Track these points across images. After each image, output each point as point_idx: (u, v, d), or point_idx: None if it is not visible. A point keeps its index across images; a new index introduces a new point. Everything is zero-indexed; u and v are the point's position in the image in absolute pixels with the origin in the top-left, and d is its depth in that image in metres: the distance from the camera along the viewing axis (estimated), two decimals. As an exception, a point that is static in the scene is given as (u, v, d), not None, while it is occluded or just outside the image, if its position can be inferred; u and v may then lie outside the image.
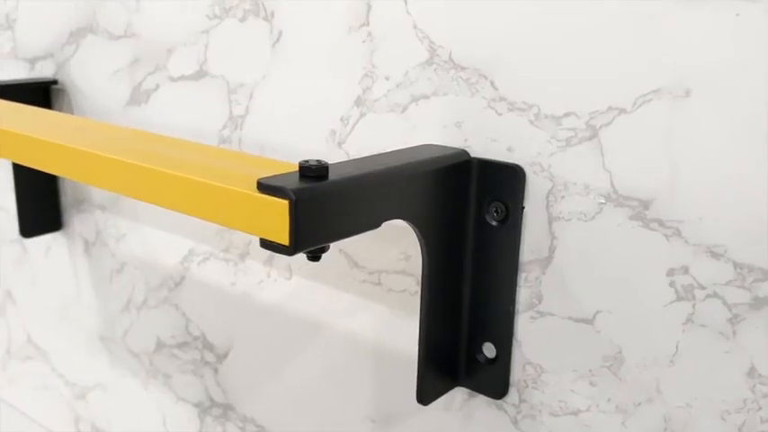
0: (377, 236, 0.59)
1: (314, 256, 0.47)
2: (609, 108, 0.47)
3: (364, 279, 0.63)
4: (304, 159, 0.44)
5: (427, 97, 0.56)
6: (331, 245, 0.46)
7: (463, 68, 0.53)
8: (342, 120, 0.61)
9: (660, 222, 0.47)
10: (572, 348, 0.52)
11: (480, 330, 0.56)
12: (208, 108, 0.71)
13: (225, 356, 0.78)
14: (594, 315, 0.51)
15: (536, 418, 0.55)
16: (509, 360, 0.55)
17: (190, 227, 0.77)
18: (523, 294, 0.54)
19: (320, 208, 0.43)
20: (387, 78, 0.58)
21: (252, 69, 0.66)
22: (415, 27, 0.55)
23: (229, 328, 0.77)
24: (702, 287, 0.46)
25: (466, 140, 0.54)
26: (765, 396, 0.45)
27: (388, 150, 0.53)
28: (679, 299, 0.47)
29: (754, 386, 0.46)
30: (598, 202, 0.49)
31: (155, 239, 0.82)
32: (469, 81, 0.53)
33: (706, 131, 0.44)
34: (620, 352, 0.50)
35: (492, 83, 0.52)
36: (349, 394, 0.67)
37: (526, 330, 0.54)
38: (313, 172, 0.43)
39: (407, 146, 0.56)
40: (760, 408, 0.46)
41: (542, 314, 0.53)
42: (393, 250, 0.61)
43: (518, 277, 0.54)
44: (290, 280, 0.69)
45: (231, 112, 0.69)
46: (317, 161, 0.44)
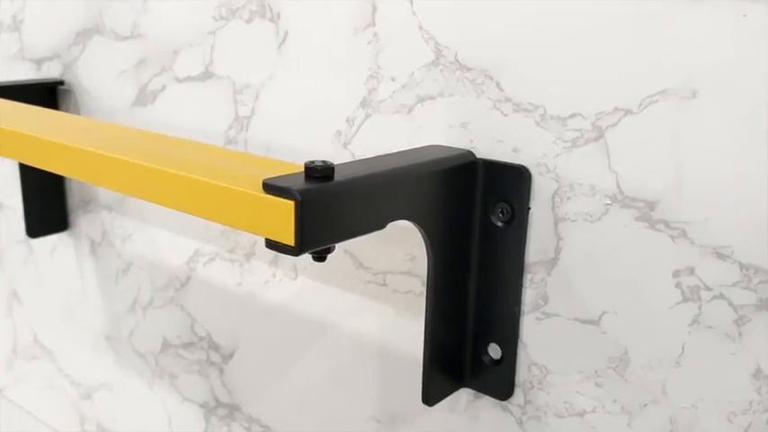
0: (382, 236, 0.59)
1: (319, 257, 0.47)
2: (615, 109, 0.47)
3: (369, 280, 0.63)
4: (310, 160, 0.44)
5: (433, 98, 0.56)
6: (336, 245, 0.46)
7: (469, 69, 0.53)
8: (347, 120, 0.61)
9: (666, 223, 0.47)
10: (578, 349, 0.52)
11: (486, 331, 0.56)
12: (214, 109, 0.71)
13: (230, 357, 0.78)
14: (600, 316, 0.51)
15: (541, 420, 0.55)
16: (514, 361, 0.55)
17: (196, 227, 0.78)
18: (529, 295, 0.54)
19: (326, 209, 0.43)
20: (392, 79, 0.58)
21: (258, 70, 0.67)
22: (421, 28, 0.55)
23: (235, 329, 0.77)
24: (708, 288, 0.46)
25: (472, 141, 0.54)
26: (772, 398, 0.45)
27: (394, 151, 0.53)
28: (685, 300, 0.47)
29: (760, 387, 0.45)
30: (604, 203, 0.49)
31: (161, 240, 0.82)
32: (475, 82, 0.53)
33: (712, 132, 0.44)
34: (625, 353, 0.50)
35: (498, 84, 0.52)
36: (354, 395, 0.67)
37: (532, 331, 0.54)
38: (319, 173, 0.43)
39: (413, 147, 0.56)
40: (766, 409, 0.45)
41: (548, 315, 0.53)
42: (398, 251, 0.61)
43: (524, 278, 0.54)
44: (296, 280, 0.69)
45: (237, 113, 0.69)
46: (323, 162, 0.44)
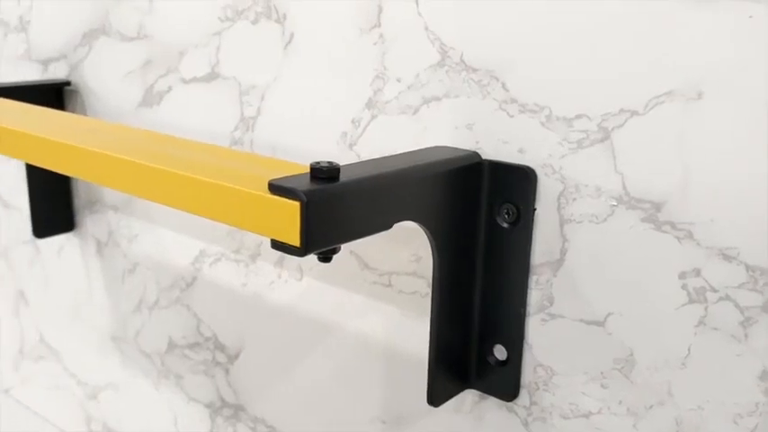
0: (388, 237, 0.59)
1: (325, 258, 0.47)
2: (621, 110, 0.47)
3: (375, 280, 0.63)
4: (315, 161, 0.44)
5: (438, 99, 0.56)
6: (342, 246, 0.46)
7: (474, 70, 0.53)
8: (353, 121, 0.61)
9: (672, 225, 0.47)
10: (583, 351, 0.52)
11: (491, 332, 0.56)
12: (219, 110, 0.71)
13: (236, 357, 0.78)
14: (606, 317, 0.51)
15: (547, 421, 0.55)
16: (520, 362, 0.55)
17: (201, 228, 0.78)
18: (534, 296, 0.54)
19: (331, 209, 0.43)
20: (398, 80, 0.58)
21: (263, 71, 0.67)
22: (427, 29, 0.55)
23: (240, 329, 0.77)
24: (714, 290, 0.46)
25: (477, 142, 0.54)
26: (778, 400, 0.45)
27: (400, 152, 0.53)
28: (691, 301, 0.47)
29: (766, 389, 0.45)
30: (610, 205, 0.49)
31: (167, 240, 0.82)
32: (481, 83, 0.53)
33: (718, 133, 0.44)
34: (631, 354, 0.50)
35: (503, 84, 0.52)
36: (359, 395, 0.67)
37: (537, 332, 0.54)
38: (324, 173, 0.43)
39: (419, 148, 0.56)
40: (773, 411, 0.45)
41: (553, 316, 0.53)
42: (404, 252, 0.61)
43: (529, 279, 0.54)
44: (301, 281, 0.69)
45: (243, 114, 0.69)
46: (329, 163, 0.44)
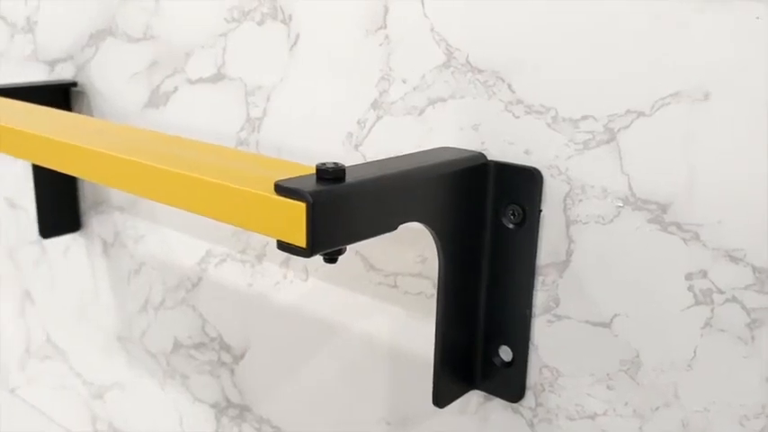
0: (393, 238, 0.59)
1: (330, 259, 0.47)
2: (627, 111, 0.47)
3: (380, 281, 0.63)
4: (321, 162, 0.44)
5: (444, 100, 0.56)
6: (347, 247, 0.46)
7: (480, 71, 0.53)
8: (359, 122, 0.61)
9: (678, 226, 0.47)
10: (589, 352, 0.52)
11: (497, 333, 0.55)
12: (225, 110, 0.71)
13: (241, 357, 0.78)
14: (612, 319, 0.51)
15: (552, 422, 0.55)
16: (525, 363, 0.55)
17: (207, 228, 0.78)
18: (540, 298, 0.54)
19: (337, 210, 0.43)
20: (404, 81, 0.58)
21: (269, 72, 0.67)
22: (433, 30, 0.55)
23: (246, 330, 0.77)
24: (721, 291, 0.46)
25: (483, 143, 0.54)
26: (785, 402, 0.45)
27: (405, 153, 0.53)
28: (697, 303, 0.47)
29: (773, 392, 0.45)
30: (616, 206, 0.49)
31: (172, 241, 0.82)
32: (487, 84, 0.53)
33: (725, 135, 0.44)
34: (637, 356, 0.50)
35: (509, 86, 0.52)
36: (365, 396, 0.67)
37: (543, 334, 0.54)
38: (330, 174, 0.43)
39: (424, 148, 0.56)
40: (779, 413, 0.45)
41: (559, 317, 0.53)
42: (409, 253, 0.61)
43: (535, 280, 0.53)
44: (307, 282, 0.69)
45: (249, 115, 0.70)
46: (334, 164, 0.44)
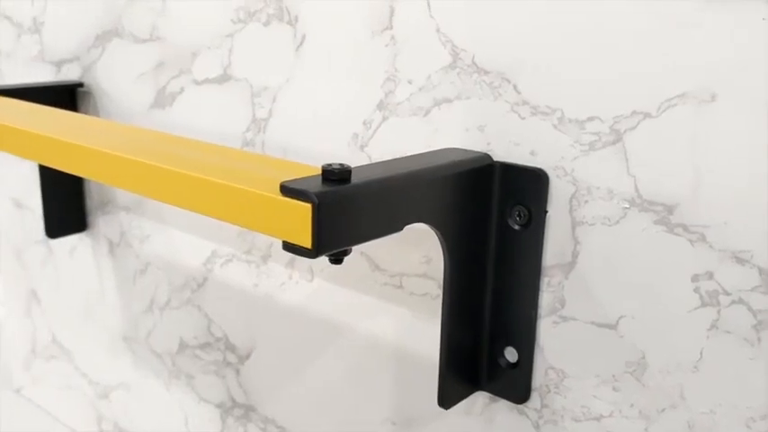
0: (399, 239, 0.59)
1: (336, 259, 0.47)
2: (633, 112, 0.47)
3: (386, 282, 0.63)
4: (327, 163, 0.44)
5: (450, 101, 0.56)
6: (353, 248, 0.46)
7: (486, 72, 0.53)
8: (364, 123, 0.61)
9: (685, 227, 0.47)
10: (595, 353, 0.52)
11: (502, 334, 0.55)
12: (231, 111, 0.71)
13: (247, 357, 0.78)
14: (618, 320, 0.50)
15: (558, 424, 0.55)
16: (531, 365, 0.55)
17: (213, 229, 0.78)
18: (546, 299, 0.54)
19: (343, 211, 0.43)
20: (409, 82, 0.58)
21: (275, 73, 0.67)
22: (438, 31, 0.55)
23: (251, 330, 0.77)
24: (727, 293, 0.46)
25: (489, 144, 0.54)
26: (791, 404, 0.45)
27: (411, 154, 0.53)
28: (704, 305, 0.47)
29: (779, 394, 0.45)
30: (622, 207, 0.49)
31: (178, 241, 0.83)
32: (492, 85, 0.53)
33: (731, 136, 0.44)
34: (643, 357, 0.50)
35: (515, 86, 0.52)
36: (370, 397, 0.67)
37: (548, 335, 0.54)
38: (336, 175, 0.43)
39: (430, 149, 0.56)
40: (786, 415, 0.45)
41: (565, 319, 0.53)
42: (415, 253, 0.61)
43: (540, 282, 0.53)
44: (312, 282, 0.70)
45: (254, 116, 0.70)
46: (340, 164, 0.44)
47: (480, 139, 0.54)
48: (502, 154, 0.53)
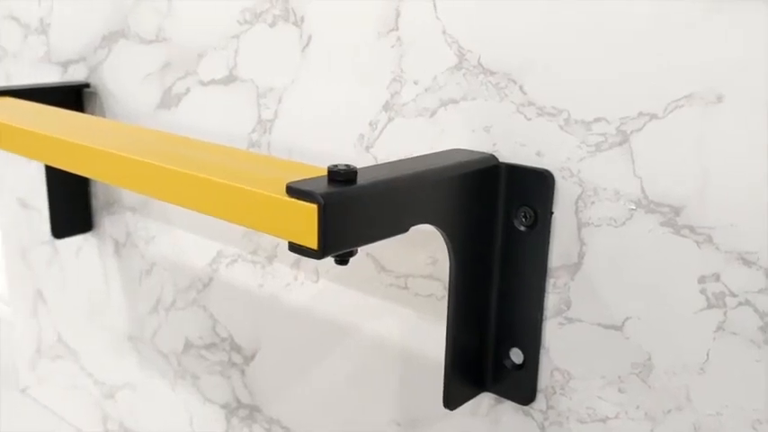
0: (404, 240, 0.59)
1: (341, 260, 0.47)
2: (640, 114, 0.47)
3: (391, 283, 0.63)
4: (333, 164, 0.44)
5: (456, 102, 0.56)
6: (358, 248, 0.46)
7: (492, 73, 0.53)
8: (370, 124, 0.61)
9: (691, 229, 0.46)
10: (600, 355, 0.52)
11: (508, 336, 0.55)
12: (237, 112, 0.72)
13: (252, 358, 0.79)
14: (624, 321, 0.50)
15: (563, 425, 0.55)
16: (537, 366, 0.55)
17: (218, 229, 0.78)
18: (552, 300, 0.54)
19: (348, 212, 0.43)
20: (415, 83, 0.58)
21: (281, 74, 0.67)
22: (444, 32, 0.55)
23: (257, 330, 0.77)
24: (734, 295, 0.46)
25: (494, 145, 0.54)
26: (798, 406, 0.45)
27: (417, 155, 0.53)
28: (710, 306, 0.47)
29: (786, 396, 0.45)
30: (628, 208, 0.49)
31: (184, 241, 0.83)
32: (498, 86, 0.53)
33: (738, 137, 0.44)
34: (649, 359, 0.50)
35: (521, 87, 0.52)
36: (375, 398, 0.67)
37: (554, 336, 0.54)
38: (342, 176, 0.43)
39: (436, 150, 0.56)
40: (792, 418, 0.45)
41: (571, 320, 0.53)
42: (420, 254, 0.61)
43: (546, 283, 0.53)
44: (318, 283, 0.70)
45: (260, 116, 0.70)
46: (346, 165, 0.44)
47: (486, 140, 0.54)
48: (508, 155, 0.53)
